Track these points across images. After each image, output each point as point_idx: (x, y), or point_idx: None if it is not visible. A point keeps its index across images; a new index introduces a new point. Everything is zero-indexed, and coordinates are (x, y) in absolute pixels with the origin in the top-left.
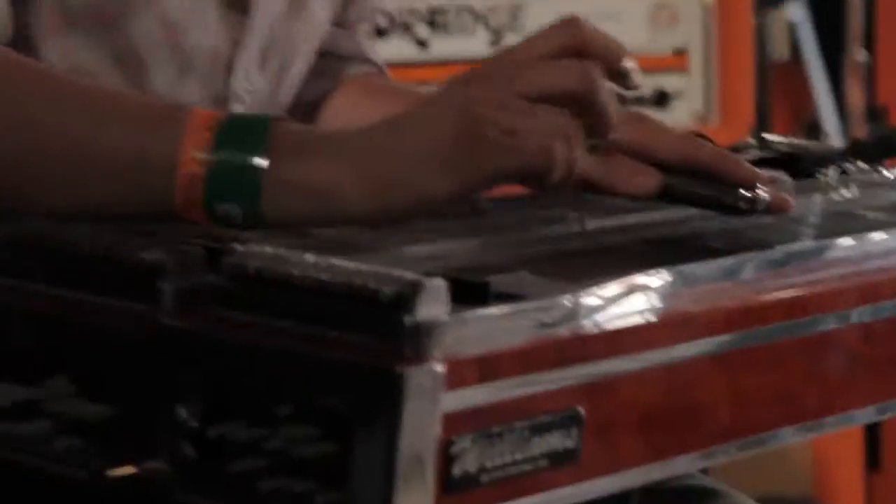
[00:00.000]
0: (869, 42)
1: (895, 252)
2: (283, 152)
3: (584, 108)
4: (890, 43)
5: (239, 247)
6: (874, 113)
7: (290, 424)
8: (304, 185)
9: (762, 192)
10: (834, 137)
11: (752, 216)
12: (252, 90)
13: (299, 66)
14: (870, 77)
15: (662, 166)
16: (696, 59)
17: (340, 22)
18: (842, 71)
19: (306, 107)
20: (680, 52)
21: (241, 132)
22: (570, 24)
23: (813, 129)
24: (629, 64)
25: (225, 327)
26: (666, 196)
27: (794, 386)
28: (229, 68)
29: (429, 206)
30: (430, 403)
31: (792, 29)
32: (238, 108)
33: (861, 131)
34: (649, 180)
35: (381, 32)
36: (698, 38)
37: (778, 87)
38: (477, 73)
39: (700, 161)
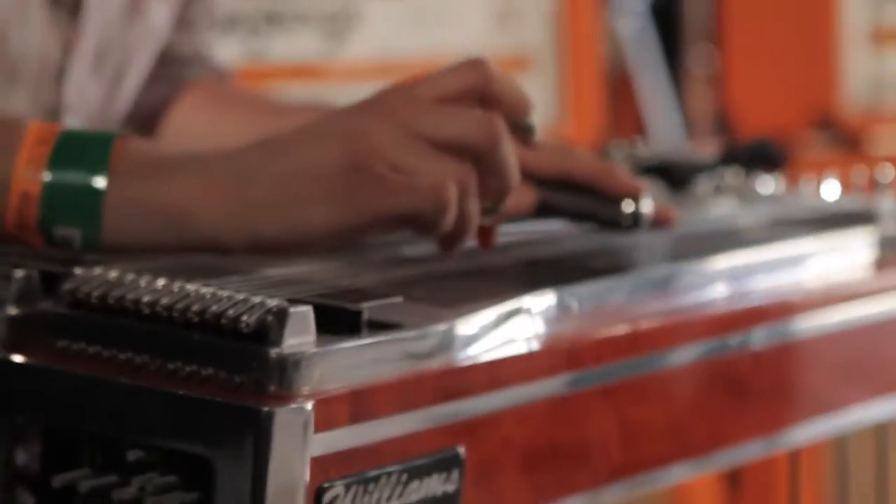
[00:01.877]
0: (715, 48)
1: (780, 269)
2: (127, 171)
3: (484, 163)
4: (737, 49)
5: (79, 271)
6: (722, 122)
7: (143, 471)
8: (150, 207)
9: (645, 206)
10: (674, 146)
11: (635, 231)
12: (88, 100)
13: (136, 73)
14: (717, 84)
15: (537, 180)
16: (539, 62)
17: (180, 22)
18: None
19: (145, 114)
20: (522, 55)
21: (80, 149)
22: (477, 66)
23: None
24: (531, 119)
25: (65, 360)
26: (543, 212)
27: (683, 418)
28: (60, 76)
29: (303, 237)
30: (298, 446)
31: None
32: (71, 120)
33: (707, 139)
34: (524, 197)
35: None
36: (541, 41)
37: (619, 92)
38: (373, 104)
39: (579, 174)
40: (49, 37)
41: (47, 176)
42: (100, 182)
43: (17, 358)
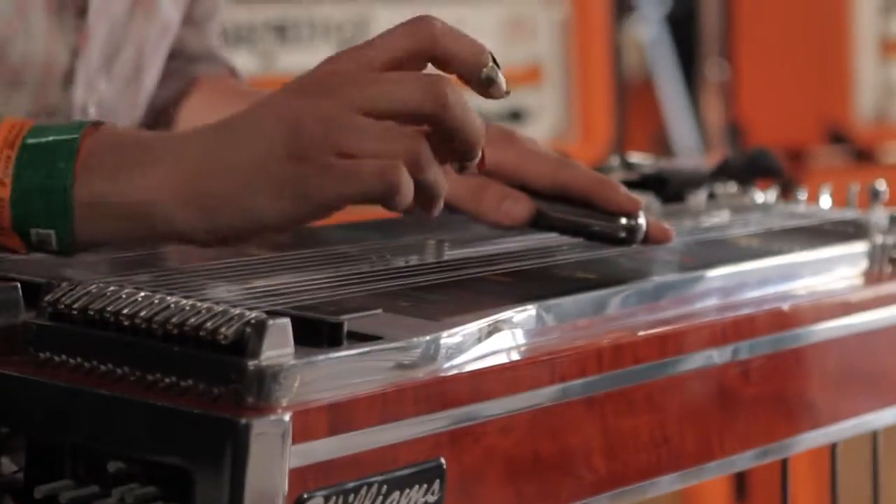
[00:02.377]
0: (727, 59)
1: (770, 282)
2: (93, 168)
3: (438, 128)
4: (749, 61)
5: (61, 282)
6: (734, 131)
7: (123, 482)
8: (116, 203)
9: (642, 221)
10: (690, 155)
11: (630, 246)
12: (99, 100)
13: (153, 70)
14: (729, 95)
15: (533, 191)
16: (551, 75)
17: (188, 20)
18: (698, 87)
19: (158, 111)
20: (534, 68)
21: (47, 149)
22: (420, 25)
23: (667, 147)
24: (491, 67)
25: (46, 372)
26: (537, 224)
27: (671, 429)
28: (70, 78)
29: (260, 229)
30: (277, 457)
31: (645, 46)
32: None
33: (720, 150)
34: (520, 208)
35: None
36: (553, 53)
37: (633, 104)
38: (311, 82)
39: (575, 187)
40: (54, 43)
41: (16, 178)
42: (67, 182)
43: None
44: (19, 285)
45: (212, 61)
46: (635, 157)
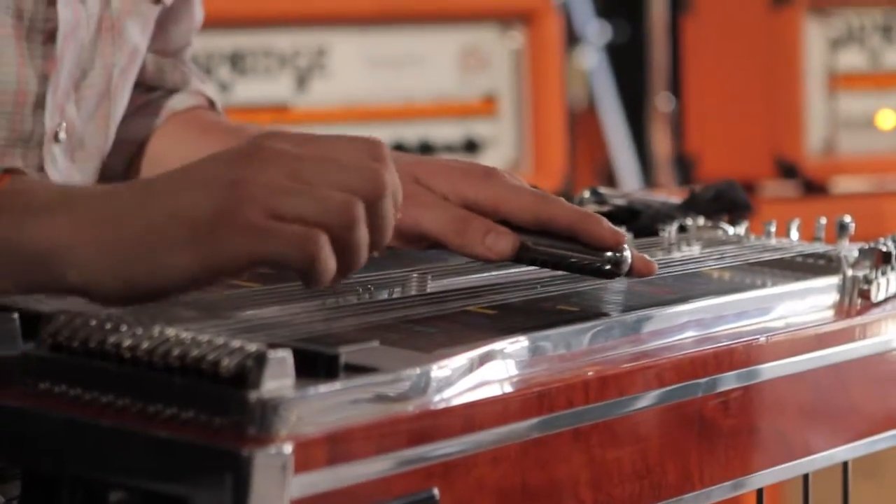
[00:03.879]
0: (675, 91)
1: (747, 314)
2: (4, 205)
3: (367, 211)
4: (698, 90)
5: (59, 313)
6: (684, 162)
7: None
8: (19, 246)
9: (627, 254)
10: (634, 186)
11: (614, 279)
12: (68, 126)
13: (122, 98)
14: (677, 127)
15: (516, 225)
16: (506, 105)
17: (164, 49)
18: (645, 118)
19: (131, 144)
20: (489, 98)
21: None
22: (369, 174)
23: (610, 177)
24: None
25: (47, 403)
26: (521, 258)
27: (653, 460)
28: (41, 104)
29: (168, 281)
30: (278, 487)
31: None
32: (55, 149)
33: (667, 180)
34: (504, 242)
35: None
36: (508, 84)
37: (578, 134)
38: (257, 152)
39: (559, 221)
40: (24, 68)
41: None
42: None
43: None
44: (17, 316)
45: (190, 94)
46: (606, 191)
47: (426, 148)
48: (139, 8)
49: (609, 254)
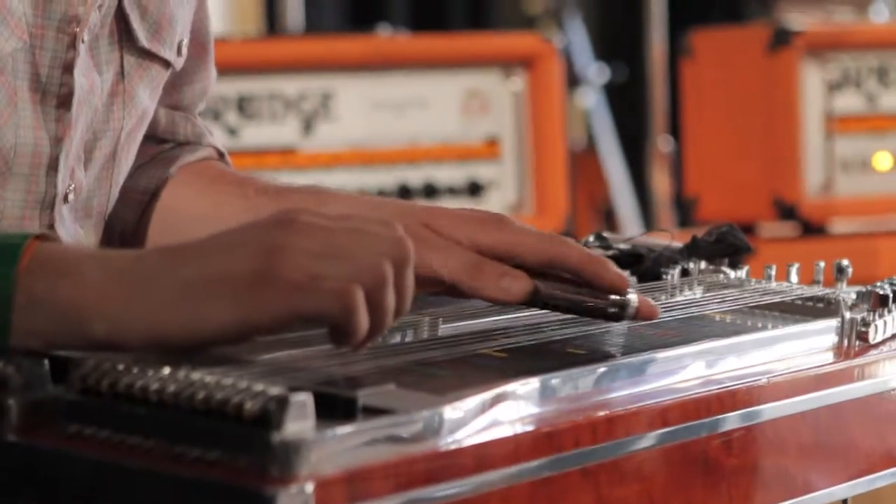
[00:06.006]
0: (675, 133)
1: (749, 356)
2: (34, 272)
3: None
4: (697, 132)
5: (88, 359)
6: (682, 203)
7: None
8: (52, 305)
9: (632, 298)
10: (633, 227)
11: (619, 322)
12: (76, 187)
13: (129, 156)
14: (677, 168)
15: (526, 269)
16: (508, 148)
17: (176, 105)
18: (644, 159)
19: (143, 194)
20: (492, 141)
21: None
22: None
23: (610, 217)
24: None
25: (76, 444)
26: (533, 301)
27: (657, 499)
28: (54, 166)
29: (203, 333)
30: None
31: (588, 115)
32: (64, 209)
33: (667, 221)
34: (519, 285)
35: None
36: (510, 127)
37: (577, 173)
38: (292, 221)
39: (567, 264)
40: (39, 131)
41: None
42: (7, 284)
43: (30, 442)
44: (47, 361)
45: (200, 147)
46: (610, 235)
47: (430, 190)
48: (150, 72)
49: (615, 297)
